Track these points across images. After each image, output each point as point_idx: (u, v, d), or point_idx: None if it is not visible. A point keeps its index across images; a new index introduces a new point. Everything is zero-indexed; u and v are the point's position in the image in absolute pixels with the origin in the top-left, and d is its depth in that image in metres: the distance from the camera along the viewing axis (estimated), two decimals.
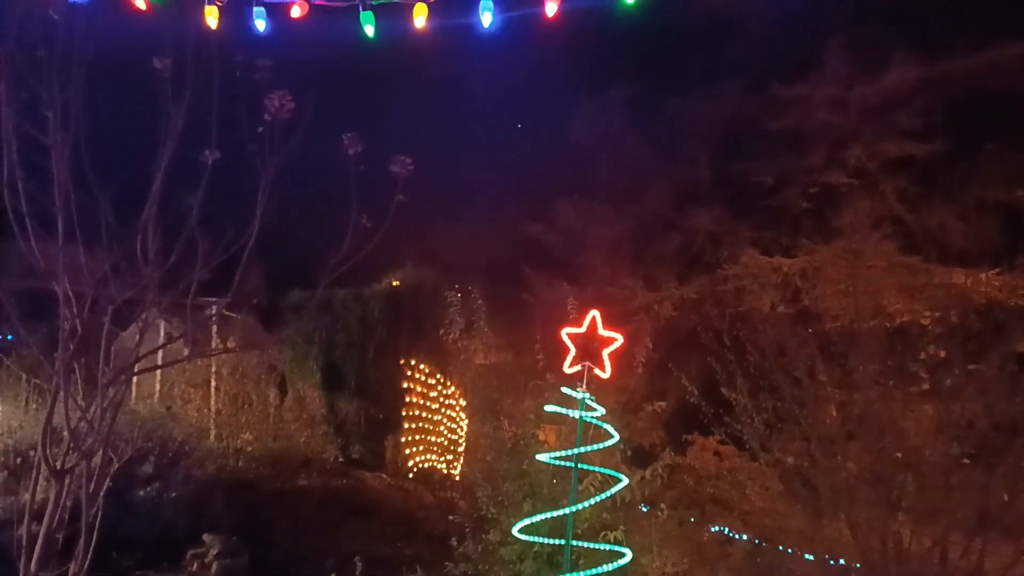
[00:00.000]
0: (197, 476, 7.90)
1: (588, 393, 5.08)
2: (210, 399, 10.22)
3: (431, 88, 16.87)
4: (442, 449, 13.77)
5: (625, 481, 5.42)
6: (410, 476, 12.53)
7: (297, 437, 10.74)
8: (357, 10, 4.98)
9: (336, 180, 5.51)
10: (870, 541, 6.29)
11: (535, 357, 7.43)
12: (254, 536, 7.62)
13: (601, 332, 5.01)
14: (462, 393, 13.23)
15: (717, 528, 8.02)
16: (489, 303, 9.70)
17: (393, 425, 12.73)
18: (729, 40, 15.38)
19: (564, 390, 5.19)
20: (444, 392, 13.83)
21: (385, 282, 13.28)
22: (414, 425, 13.08)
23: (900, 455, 6.53)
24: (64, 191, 4.72)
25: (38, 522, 4.88)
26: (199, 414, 9.89)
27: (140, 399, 9.58)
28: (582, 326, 5.08)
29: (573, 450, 4.99)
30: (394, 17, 5.12)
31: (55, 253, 4.79)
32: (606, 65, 16.81)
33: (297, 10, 5.15)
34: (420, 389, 13.25)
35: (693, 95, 15.66)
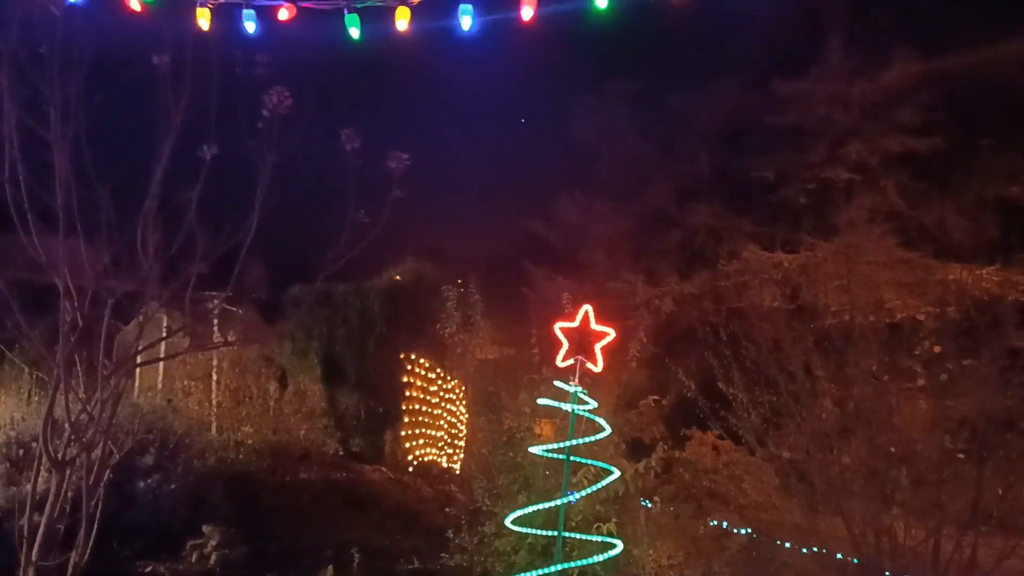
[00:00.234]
0: (197, 468, 7.97)
1: (581, 387, 5.14)
2: (211, 392, 10.30)
3: (433, 85, 16.90)
4: (442, 443, 13.85)
5: (617, 473, 5.49)
6: (410, 470, 12.59)
7: (297, 430, 10.81)
8: (343, 13, 5.02)
9: (338, 176, 5.56)
10: (864, 535, 6.33)
11: (532, 351, 7.48)
12: (253, 527, 7.68)
13: (593, 326, 5.07)
14: (462, 387, 13.30)
15: (716, 523, 8.07)
16: (488, 298, 9.75)
17: (393, 419, 12.80)
18: (730, 36, 15.34)
19: (556, 384, 5.25)
20: (444, 386, 13.90)
21: (386, 277, 13.33)
22: (414, 419, 13.16)
23: (894, 450, 6.57)
24: (65, 185, 4.77)
25: (40, 512, 4.95)
26: (200, 407, 9.97)
27: (142, 392, 9.65)
28: (575, 320, 5.13)
29: (565, 443, 5.05)
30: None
31: (56, 247, 4.86)
32: (607, 61, 16.79)
33: (285, 12, 5.19)
34: (420, 383, 13.32)
35: (694, 91, 15.65)
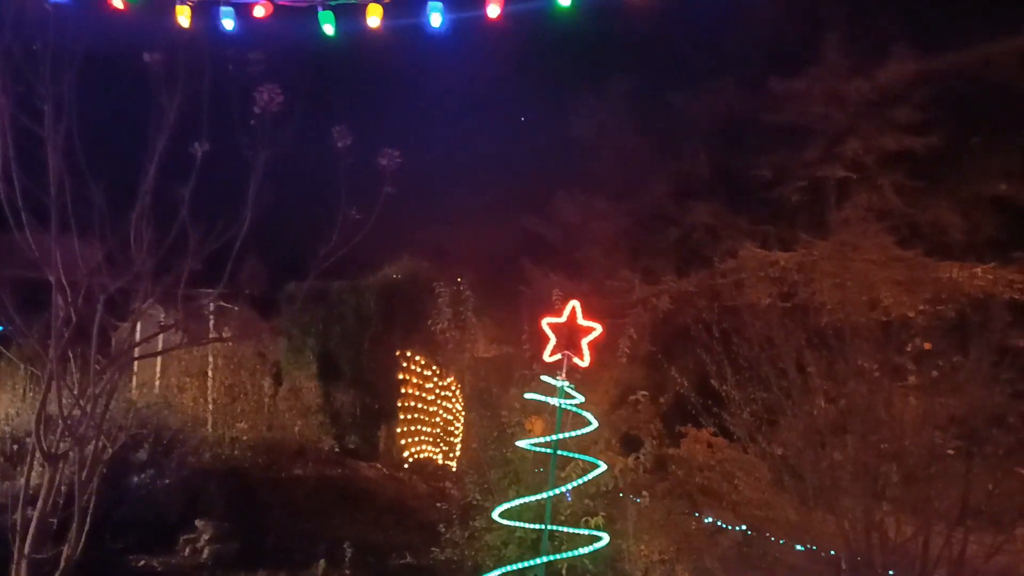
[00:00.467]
0: (192, 464, 8.02)
1: (569, 382, 5.17)
2: (207, 389, 10.33)
3: (433, 84, 16.91)
4: (438, 440, 13.85)
5: (603, 467, 5.52)
6: (405, 466, 12.62)
7: (292, 427, 10.84)
8: (316, 10, 5.04)
9: (334, 174, 5.59)
10: (855, 530, 6.35)
11: (523, 347, 7.51)
12: (247, 523, 7.73)
13: (580, 321, 5.10)
14: (459, 385, 13.31)
15: (710, 520, 8.09)
16: (486, 296, 9.77)
17: (389, 416, 12.82)
18: (728, 35, 15.38)
19: (544, 378, 5.28)
20: (440, 384, 13.90)
21: (382, 274, 13.35)
22: (410, 416, 13.17)
23: (886, 446, 6.58)
24: (58, 182, 4.81)
25: (33, 506, 4.99)
26: (195, 403, 10.00)
27: (138, 388, 9.69)
28: (562, 315, 5.16)
29: (552, 436, 5.08)
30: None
31: (49, 243, 4.89)
32: (605, 59, 16.83)
33: (261, 10, 5.20)
34: (416, 380, 13.32)
35: (692, 89, 15.68)
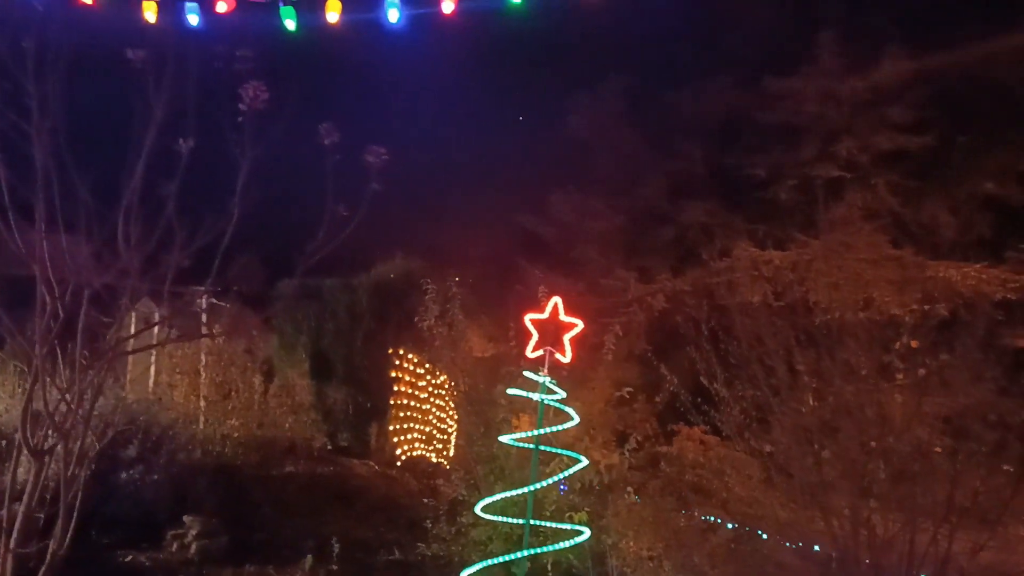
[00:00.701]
0: (181, 460, 8.01)
1: (551, 377, 5.19)
2: (198, 386, 10.33)
3: (432, 82, 16.94)
4: (431, 438, 13.86)
5: (584, 462, 5.53)
6: (398, 464, 12.64)
7: (283, 424, 10.85)
8: (278, 5, 5.04)
9: (326, 171, 5.60)
10: (843, 528, 6.36)
11: (509, 345, 7.53)
12: (236, 519, 7.73)
13: (562, 318, 5.12)
14: (452, 383, 13.31)
15: (705, 518, 8.09)
16: (479, 294, 9.79)
17: (381, 413, 12.83)
18: (723, 33, 15.42)
19: (526, 374, 5.30)
20: (433, 382, 13.91)
21: (375, 273, 13.37)
22: (402, 414, 13.17)
23: (873, 444, 6.59)
24: (44, 178, 4.81)
25: (20, 501, 5.00)
26: (186, 400, 10.01)
27: (129, 384, 9.68)
28: (545, 312, 5.18)
29: (534, 432, 5.10)
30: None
31: (35, 239, 4.89)
32: (601, 58, 16.86)
33: (223, 5, 5.20)
34: (408, 378, 13.32)
35: (688, 88, 15.71)
